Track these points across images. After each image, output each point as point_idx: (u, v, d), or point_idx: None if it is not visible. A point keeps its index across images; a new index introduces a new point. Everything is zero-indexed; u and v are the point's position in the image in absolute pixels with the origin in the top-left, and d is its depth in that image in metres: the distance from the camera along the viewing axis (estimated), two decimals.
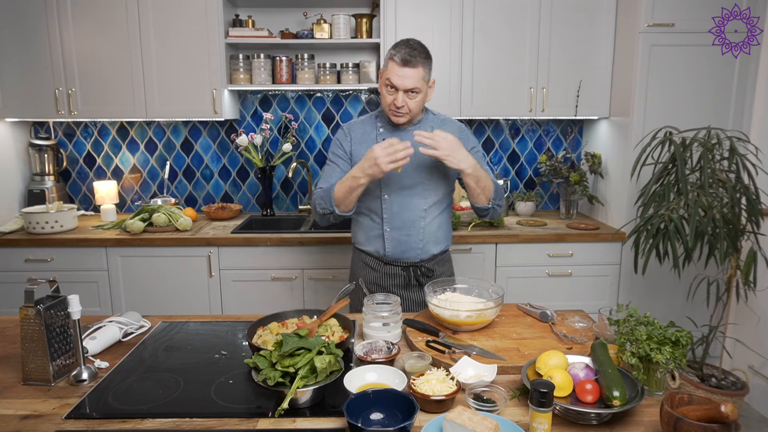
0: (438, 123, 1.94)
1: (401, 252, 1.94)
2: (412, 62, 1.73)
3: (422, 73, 1.76)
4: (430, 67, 1.81)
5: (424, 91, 1.81)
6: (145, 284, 2.83)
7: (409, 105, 1.79)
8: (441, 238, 1.99)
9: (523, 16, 2.91)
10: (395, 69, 1.75)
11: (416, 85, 1.76)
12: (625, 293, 2.91)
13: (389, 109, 1.82)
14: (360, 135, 1.94)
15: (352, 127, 1.97)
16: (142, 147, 3.36)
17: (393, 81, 1.76)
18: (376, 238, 1.96)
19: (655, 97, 2.77)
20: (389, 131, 1.91)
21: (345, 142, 1.94)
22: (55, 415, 1.20)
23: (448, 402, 1.18)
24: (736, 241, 1.85)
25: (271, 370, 1.19)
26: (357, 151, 1.92)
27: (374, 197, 1.92)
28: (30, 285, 1.33)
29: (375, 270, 1.99)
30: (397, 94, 1.77)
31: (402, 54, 1.74)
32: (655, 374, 1.26)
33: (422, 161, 1.87)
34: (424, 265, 1.97)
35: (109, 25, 2.86)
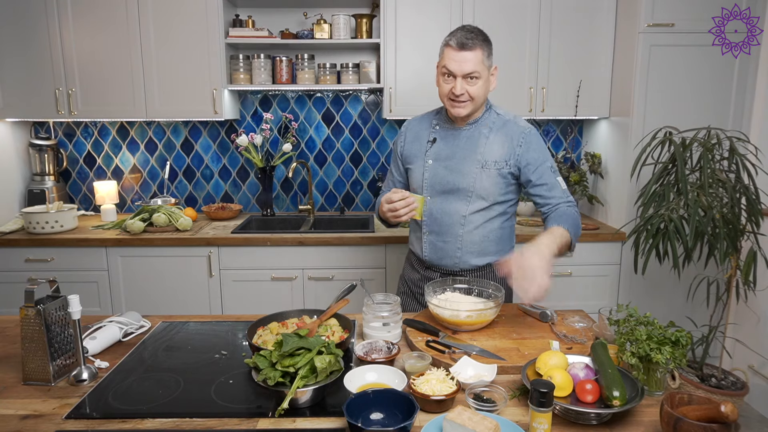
0: (499, 125, 1.78)
1: (438, 258, 1.85)
2: (469, 45, 1.63)
3: (481, 56, 1.65)
4: (490, 51, 1.69)
5: (485, 78, 1.68)
6: (145, 284, 2.83)
7: (470, 92, 1.67)
8: (487, 250, 1.83)
9: (523, 16, 2.91)
10: (451, 54, 1.65)
11: (475, 69, 1.64)
12: (625, 293, 2.91)
13: (448, 99, 1.70)
14: (413, 134, 1.88)
15: (409, 125, 1.92)
16: (142, 147, 3.36)
17: (450, 67, 1.65)
18: (418, 239, 1.90)
19: (655, 97, 2.77)
20: (446, 129, 1.82)
21: (399, 144, 1.91)
22: (55, 415, 1.20)
23: (448, 402, 1.18)
24: (736, 241, 1.85)
25: (271, 370, 1.19)
26: (409, 149, 1.87)
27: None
28: (30, 285, 1.33)
29: (417, 271, 1.95)
30: (455, 81, 1.65)
31: (458, 37, 1.64)
32: (655, 374, 1.26)
33: (468, 165, 1.76)
34: (464, 275, 1.83)
35: (109, 25, 2.87)
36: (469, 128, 1.79)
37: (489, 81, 1.73)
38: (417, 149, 1.85)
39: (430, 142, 1.83)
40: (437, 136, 1.82)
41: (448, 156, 1.79)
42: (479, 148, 1.77)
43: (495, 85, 1.78)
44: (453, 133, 1.81)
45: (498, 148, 1.76)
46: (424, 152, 1.83)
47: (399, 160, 1.92)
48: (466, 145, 1.78)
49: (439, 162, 1.80)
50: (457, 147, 1.79)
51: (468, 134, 1.79)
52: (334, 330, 1.48)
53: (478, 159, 1.75)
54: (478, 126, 1.79)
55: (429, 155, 1.82)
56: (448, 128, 1.82)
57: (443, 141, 1.81)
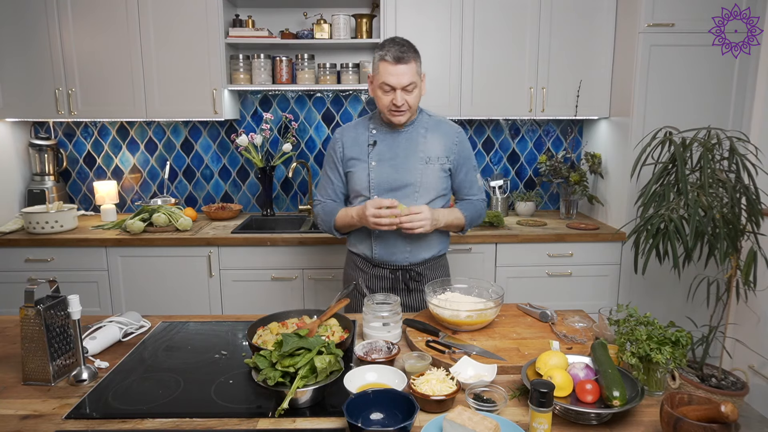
0: (433, 125, 1.92)
1: (389, 254, 1.92)
2: (404, 58, 1.74)
3: (415, 67, 1.77)
4: (420, 60, 1.82)
5: (419, 86, 1.81)
6: (145, 284, 2.83)
7: (408, 101, 1.79)
8: (433, 242, 1.95)
9: (523, 16, 2.92)
10: (389, 69, 1.74)
11: (412, 80, 1.76)
12: (625, 293, 2.91)
13: (389, 110, 1.81)
14: (351, 139, 1.93)
15: (344, 132, 1.96)
16: (142, 147, 3.36)
17: (389, 81, 1.75)
18: (365, 239, 1.95)
19: (655, 97, 2.77)
20: (383, 132, 1.90)
21: (337, 149, 1.94)
22: (55, 415, 1.20)
23: (448, 402, 1.18)
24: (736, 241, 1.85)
25: (271, 370, 1.19)
26: (349, 154, 1.92)
27: (363, 199, 1.90)
28: (30, 285, 1.33)
29: (364, 272, 1.98)
30: (395, 93, 1.76)
31: (393, 52, 1.74)
32: (655, 374, 1.26)
33: (412, 163, 1.86)
34: (413, 269, 1.94)
35: (109, 25, 2.86)
36: (407, 129, 1.91)
37: (421, 88, 1.85)
38: (357, 153, 1.91)
39: (370, 146, 1.90)
40: (376, 139, 1.90)
41: (391, 156, 1.88)
42: (419, 146, 1.89)
43: (425, 91, 1.93)
44: (392, 135, 1.90)
45: (437, 145, 1.90)
46: (366, 155, 1.90)
47: (338, 166, 1.95)
48: (407, 144, 1.88)
49: (384, 162, 1.88)
50: (398, 147, 1.88)
51: (407, 135, 1.89)
52: (334, 330, 1.48)
53: (421, 156, 1.86)
54: (415, 127, 1.91)
55: (372, 157, 1.89)
56: (386, 131, 1.91)
57: (383, 143, 1.89)
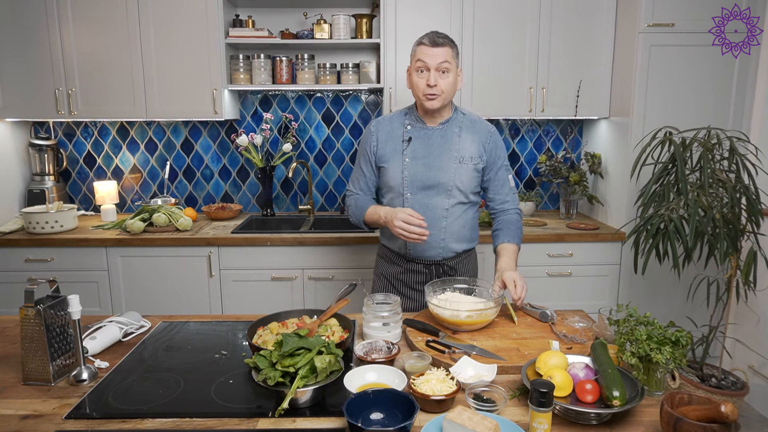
0: (467, 123, 1.92)
1: (422, 250, 1.94)
2: (440, 42, 1.77)
3: (451, 52, 1.78)
4: (457, 51, 1.83)
5: (454, 73, 1.81)
6: (145, 284, 2.83)
7: (441, 85, 1.78)
8: (465, 236, 1.98)
9: (523, 16, 2.91)
10: (424, 50, 1.78)
11: (447, 59, 1.76)
12: (625, 293, 2.91)
13: (423, 93, 1.81)
14: (386, 134, 1.93)
15: (380, 125, 1.96)
16: (142, 147, 3.36)
17: (424, 59, 1.77)
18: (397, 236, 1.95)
19: (655, 97, 2.77)
20: (418, 129, 1.90)
21: (371, 142, 1.95)
22: (55, 415, 1.20)
23: (448, 402, 1.18)
24: (736, 241, 1.85)
25: (271, 370, 1.19)
26: (383, 149, 1.93)
27: (396, 195, 1.92)
28: (30, 285, 1.33)
29: (398, 266, 2.01)
30: (429, 73, 1.77)
31: (430, 36, 1.78)
32: (655, 374, 1.26)
33: (446, 161, 1.86)
34: (446, 263, 1.97)
35: (109, 25, 2.86)
36: (442, 127, 1.90)
37: (457, 79, 1.85)
38: (392, 148, 1.91)
39: (405, 142, 1.90)
40: (412, 135, 1.90)
41: (425, 154, 1.88)
42: (454, 145, 1.88)
43: (461, 85, 1.90)
44: (427, 132, 1.89)
45: (470, 145, 1.89)
46: (401, 151, 1.90)
47: (371, 160, 1.96)
48: (441, 142, 1.88)
49: (417, 160, 1.88)
50: (432, 145, 1.88)
51: (441, 133, 1.89)
52: (334, 330, 1.48)
53: (455, 155, 1.87)
54: (450, 125, 1.91)
55: (407, 154, 1.89)
56: (420, 128, 1.91)
57: (418, 140, 1.89)
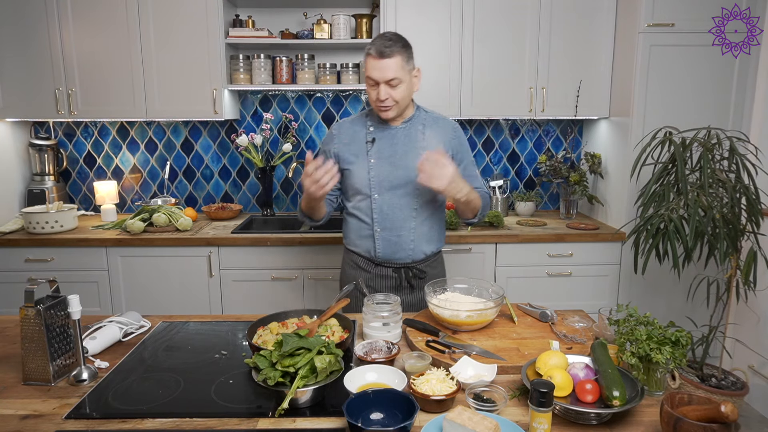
0: (430, 121, 1.91)
1: (392, 253, 1.91)
2: (386, 53, 1.72)
3: (400, 62, 1.73)
4: (408, 55, 1.78)
5: (407, 81, 1.78)
6: (145, 284, 2.84)
7: (393, 96, 1.76)
8: (434, 238, 1.96)
9: (523, 16, 2.92)
10: (372, 63, 1.74)
11: (396, 75, 1.73)
12: (625, 293, 2.91)
13: (375, 105, 1.81)
14: (349, 136, 1.91)
15: (342, 127, 1.94)
16: (143, 147, 3.36)
17: (372, 75, 1.74)
18: (366, 238, 1.93)
19: (655, 97, 2.77)
20: (381, 129, 1.88)
21: (332, 146, 1.92)
22: (55, 415, 1.20)
23: (448, 402, 1.18)
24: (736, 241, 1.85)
25: (271, 370, 1.19)
26: (346, 152, 1.89)
27: (363, 197, 1.89)
28: (30, 285, 1.33)
29: (366, 271, 1.96)
30: (379, 87, 1.75)
31: (377, 47, 1.73)
32: (655, 374, 1.26)
33: (411, 159, 1.84)
34: (416, 266, 1.94)
35: (109, 25, 2.87)
36: (405, 126, 1.89)
37: (412, 84, 1.82)
38: (356, 150, 1.89)
39: (369, 143, 1.88)
40: (375, 136, 1.88)
41: (390, 153, 1.87)
42: (419, 142, 1.87)
43: (418, 87, 1.87)
44: (390, 132, 1.88)
45: (436, 141, 1.87)
46: (365, 152, 1.88)
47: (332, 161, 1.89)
48: (406, 141, 1.87)
49: (383, 160, 1.86)
50: (397, 144, 1.87)
51: (405, 132, 1.88)
52: (334, 330, 1.48)
53: (420, 152, 1.82)
54: (413, 123, 1.90)
55: (371, 154, 1.87)
56: (383, 128, 1.89)
57: (382, 140, 1.88)
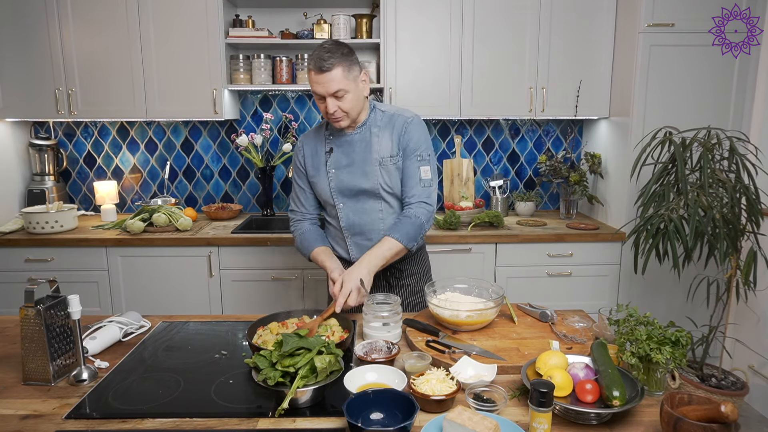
0: (385, 121, 1.84)
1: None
2: (325, 66, 1.66)
3: (341, 73, 1.67)
4: (350, 62, 1.70)
5: (353, 90, 1.72)
6: (145, 284, 2.83)
7: (342, 107, 1.72)
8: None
9: (523, 16, 2.92)
10: (313, 77, 1.69)
11: (339, 87, 1.68)
12: (625, 293, 2.91)
13: (327, 117, 1.77)
14: (311, 148, 1.90)
15: (306, 139, 1.93)
16: (143, 147, 3.36)
17: (316, 90, 1.70)
18: (339, 242, 1.94)
19: (655, 97, 2.77)
20: (338, 137, 1.85)
21: (299, 158, 1.93)
22: (55, 415, 1.20)
23: (448, 402, 1.18)
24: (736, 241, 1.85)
25: (271, 370, 1.19)
26: (309, 164, 1.89)
27: (331, 206, 1.90)
28: (30, 285, 1.33)
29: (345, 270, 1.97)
30: (326, 101, 1.71)
31: (315, 62, 1.67)
32: (655, 374, 1.26)
33: (369, 164, 1.81)
34: (393, 265, 1.91)
35: (109, 25, 2.87)
36: (360, 131, 1.84)
37: (359, 90, 1.76)
38: (317, 162, 1.88)
39: (327, 153, 1.87)
40: (332, 146, 1.86)
41: (348, 162, 1.84)
42: (373, 147, 1.82)
43: (367, 91, 1.82)
44: (347, 140, 1.85)
45: (388, 142, 1.82)
46: (324, 163, 1.87)
47: (303, 174, 1.93)
48: (361, 147, 1.83)
49: (341, 169, 1.84)
50: (353, 152, 1.84)
51: (360, 137, 1.84)
52: (334, 330, 1.48)
53: (375, 158, 1.81)
54: (368, 126, 1.84)
55: (330, 165, 1.86)
56: (340, 136, 1.86)
57: (339, 149, 1.85)
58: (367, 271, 1.68)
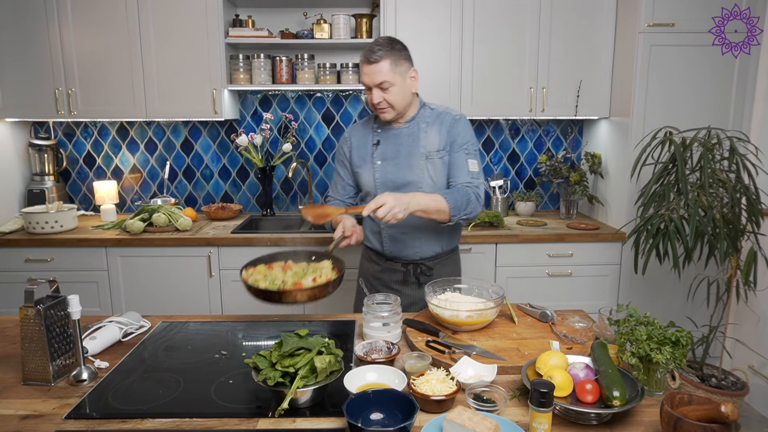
0: (433, 118, 1.92)
1: (399, 250, 1.96)
2: (373, 58, 1.76)
3: (389, 65, 1.76)
4: (398, 57, 1.79)
5: (399, 83, 1.79)
6: (145, 284, 2.83)
7: (387, 99, 1.80)
8: (444, 237, 1.98)
9: (523, 16, 2.91)
10: (363, 69, 1.80)
11: (385, 79, 1.76)
12: (625, 293, 2.91)
13: (373, 108, 1.86)
14: (358, 139, 1.98)
15: (353, 131, 2.01)
16: (142, 147, 3.36)
17: (363, 80, 1.81)
18: (375, 235, 2.00)
19: (655, 97, 2.77)
20: (387, 130, 1.93)
21: (345, 149, 2.01)
22: (55, 415, 1.20)
23: (448, 402, 1.18)
24: (736, 241, 1.85)
25: (271, 370, 1.19)
26: (356, 155, 1.97)
27: (371, 197, 1.91)
28: (30, 285, 1.33)
29: (377, 264, 2.04)
30: (372, 92, 1.80)
31: (365, 53, 1.78)
32: (655, 374, 1.26)
33: (415, 158, 1.88)
34: (424, 263, 1.97)
35: (109, 25, 2.86)
36: (408, 126, 1.92)
37: (407, 85, 1.83)
38: (364, 153, 1.95)
39: (374, 145, 1.93)
40: (380, 138, 1.93)
41: (394, 155, 1.90)
42: (420, 141, 1.89)
43: (417, 87, 1.88)
44: (394, 133, 1.92)
45: (435, 138, 1.89)
46: (371, 155, 1.93)
47: (347, 165, 2.00)
48: (408, 141, 1.90)
49: (387, 161, 1.90)
50: (400, 145, 1.90)
51: (408, 131, 1.91)
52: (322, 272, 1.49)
53: (422, 152, 1.87)
54: (416, 122, 1.91)
55: (376, 157, 1.92)
56: (388, 129, 1.93)
57: (386, 142, 1.92)
58: (407, 200, 1.64)
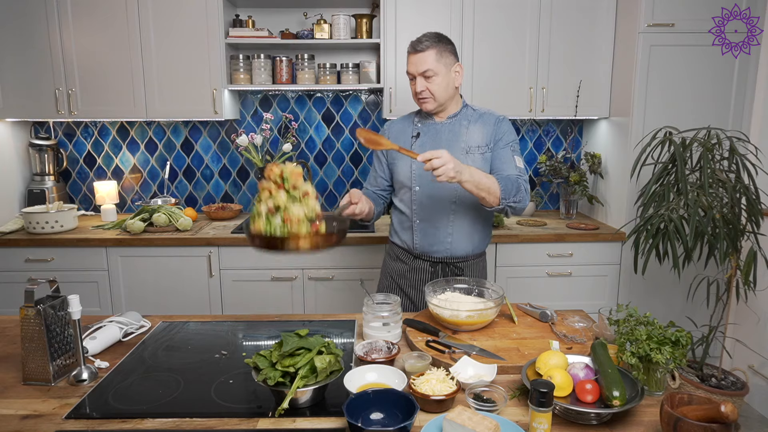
0: (476, 117, 1.93)
1: (429, 245, 1.95)
2: (419, 47, 1.80)
3: (434, 55, 1.80)
4: (444, 49, 1.82)
5: (443, 74, 1.82)
6: (145, 284, 2.83)
7: (430, 89, 1.82)
8: (476, 237, 1.96)
9: (523, 16, 2.92)
10: (409, 58, 1.84)
11: (429, 67, 1.79)
12: (625, 293, 2.91)
13: (415, 98, 1.88)
14: (396, 132, 2.00)
15: (391, 125, 2.04)
16: (143, 147, 3.36)
17: (408, 69, 1.84)
18: (406, 230, 2.00)
19: (655, 97, 2.77)
20: (427, 125, 1.95)
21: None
22: (55, 415, 1.20)
23: (448, 402, 1.18)
24: (736, 241, 1.85)
25: (271, 370, 1.19)
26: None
27: (405, 189, 1.96)
28: (30, 285, 1.33)
29: (404, 263, 2.03)
30: (416, 80, 1.83)
31: (412, 43, 1.83)
32: (655, 374, 1.26)
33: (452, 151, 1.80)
34: (453, 263, 1.97)
35: (109, 25, 2.87)
36: (450, 121, 1.93)
37: (450, 78, 1.85)
38: (402, 144, 1.94)
39: (414, 137, 1.95)
40: (420, 131, 1.95)
41: (433, 147, 1.89)
42: (462, 136, 1.90)
43: (460, 82, 1.90)
44: (435, 127, 1.93)
45: (478, 134, 1.90)
46: (410, 146, 1.94)
47: (383, 159, 2.02)
48: (449, 136, 1.91)
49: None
50: (440, 138, 1.91)
51: (449, 127, 1.92)
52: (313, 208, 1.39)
53: (462, 146, 1.88)
54: (458, 119, 1.93)
55: (415, 148, 1.92)
56: (430, 123, 1.95)
57: (427, 135, 1.94)
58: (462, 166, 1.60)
